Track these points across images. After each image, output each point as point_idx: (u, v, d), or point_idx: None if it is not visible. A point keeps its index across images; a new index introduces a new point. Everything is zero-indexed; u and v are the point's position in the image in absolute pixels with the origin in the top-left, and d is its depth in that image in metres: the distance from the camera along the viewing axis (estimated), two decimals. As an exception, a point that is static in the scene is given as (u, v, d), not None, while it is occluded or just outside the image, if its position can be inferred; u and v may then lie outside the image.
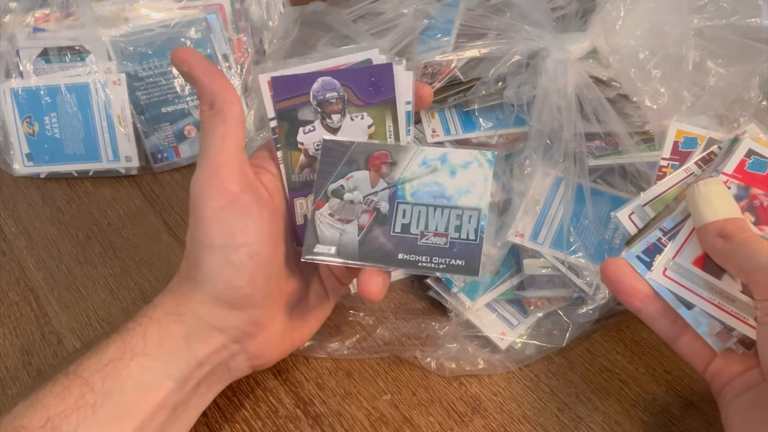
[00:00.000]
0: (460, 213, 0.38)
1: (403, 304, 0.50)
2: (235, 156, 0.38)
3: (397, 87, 0.40)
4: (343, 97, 0.41)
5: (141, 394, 0.36)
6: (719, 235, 0.36)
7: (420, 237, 0.38)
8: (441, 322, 0.47)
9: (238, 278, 0.38)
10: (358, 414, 0.44)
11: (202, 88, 0.39)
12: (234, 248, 0.37)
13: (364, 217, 0.39)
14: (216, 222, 0.37)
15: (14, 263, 0.55)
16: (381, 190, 0.39)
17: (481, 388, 0.45)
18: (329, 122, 0.41)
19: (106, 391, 0.35)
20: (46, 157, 0.62)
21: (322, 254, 0.39)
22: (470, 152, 0.39)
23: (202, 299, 0.38)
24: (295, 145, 0.41)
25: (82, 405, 0.35)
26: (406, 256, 0.38)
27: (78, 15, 0.62)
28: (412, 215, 0.39)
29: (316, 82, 0.40)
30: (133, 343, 0.37)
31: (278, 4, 0.67)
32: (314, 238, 0.39)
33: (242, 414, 0.44)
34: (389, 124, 0.41)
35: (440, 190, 0.39)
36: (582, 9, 0.52)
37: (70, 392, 0.35)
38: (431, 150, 0.40)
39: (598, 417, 0.43)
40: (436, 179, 0.39)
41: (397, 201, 0.39)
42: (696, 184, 0.37)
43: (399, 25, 0.58)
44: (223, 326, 0.38)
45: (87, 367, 0.36)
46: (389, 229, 0.39)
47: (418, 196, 0.39)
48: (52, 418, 0.34)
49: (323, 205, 0.39)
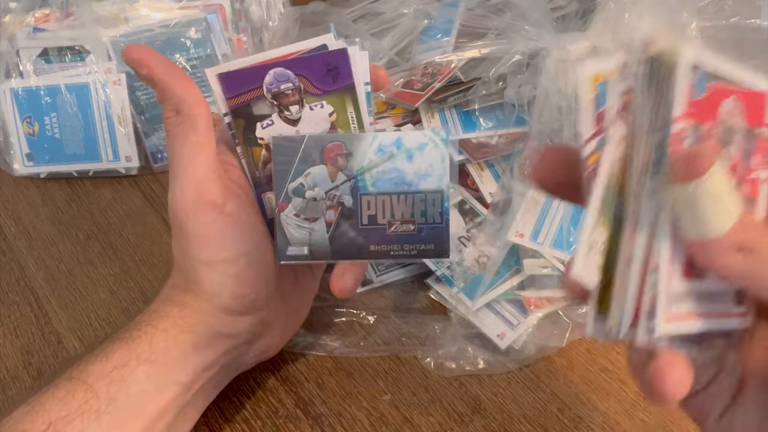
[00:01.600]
0: (423, 197, 0.39)
1: (403, 304, 0.50)
2: (211, 165, 0.37)
3: (354, 71, 0.39)
4: (299, 87, 0.39)
5: (146, 400, 0.36)
6: (739, 250, 0.24)
7: (388, 226, 0.39)
8: (441, 322, 0.47)
9: (242, 287, 0.38)
10: (358, 414, 0.44)
11: (164, 93, 0.36)
12: (233, 261, 0.37)
13: (329, 213, 0.39)
14: (209, 238, 0.37)
15: (14, 263, 0.55)
16: (342, 184, 0.39)
17: (481, 388, 0.45)
18: (287, 114, 0.40)
19: (110, 397, 0.35)
20: (46, 157, 0.62)
21: (295, 256, 0.39)
22: (424, 133, 0.39)
23: (210, 311, 0.38)
24: (255, 141, 0.40)
25: (86, 410, 0.34)
26: (377, 247, 0.39)
27: (78, 15, 0.62)
28: (377, 205, 0.39)
29: (267, 75, 0.39)
30: (139, 351, 0.37)
31: (278, 4, 0.67)
32: (285, 241, 0.39)
33: (242, 414, 0.44)
34: (351, 110, 0.40)
35: (400, 176, 0.39)
36: (582, 9, 0.52)
37: (74, 397, 0.35)
38: (385, 136, 0.39)
39: (598, 417, 0.43)
40: (394, 165, 0.39)
41: (359, 193, 0.39)
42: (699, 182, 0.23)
43: (399, 25, 0.58)
44: (232, 332, 0.38)
45: (91, 372, 0.36)
46: (357, 222, 0.39)
47: (380, 185, 0.39)
48: (55, 423, 0.34)
49: (287, 207, 0.39)
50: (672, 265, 0.25)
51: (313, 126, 0.40)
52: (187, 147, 0.37)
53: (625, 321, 0.25)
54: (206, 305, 0.38)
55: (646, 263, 0.25)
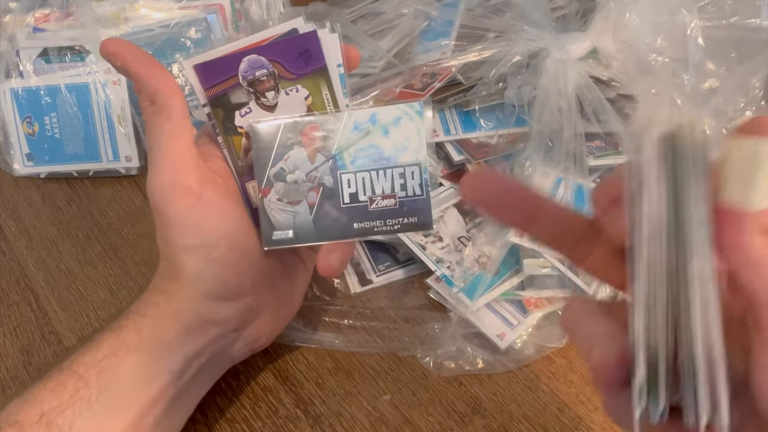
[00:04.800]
0: (402, 171, 0.39)
1: (403, 304, 0.50)
2: (187, 152, 0.38)
3: (326, 53, 0.39)
4: (274, 72, 0.39)
5: (137, 388, 0.36)
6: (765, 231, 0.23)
7: (369, 203, 0.39)
8: (441, 321, 0.47)
9: (224, 272, 0.38)
10: (358, 414, 0.44)
11: (139, 83, 0.37)
12: (212, 245, 0.37)
13: (311, 195, 0.39)
14: (186, 223, 0.37)
15: (14, 263, 0.55)
16: (321, 165, 0.39)
17: (481, 388, 0.45)
18: (264, 101, 0.40)
19: (101, 386, 0.35)
20: (46, 157, 0.62)
21: (281, 240, 0.39)
22: (398, 107, 0.39)
23: (195, 297, 0.38)
24: (235, 129, 0.40)
25: (78, 400, 0.35)
26: (360, 225, 0.39)
27: (78, 15, 0.62)
28: (357, 183, 0.39)
29: (242, 62, 0.39)
30: (128, 339, 0.37)
31: (278, 4, 0.67)
32: (269, 225, 0.39)
33: (242, 414, 0.44)
34: (325, 92, 0.40)
35: (378, 152, 0.39)
36: (582, 9, 0.52)
37: (65, 387, 0.35)
38: (359, 113, 0.39)
39: (598, 417, 0.43)
40: (371, 142, 0.39)
41: (339, 172, 0.39)
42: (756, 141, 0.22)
43: (399, 26, 0.58)
44: (219, 319, 0.39)
45: (81, 362, 0.36)
46: (338, 201, 0.39)
47: (359, 163, 0.39)
48: (47, 413, 0.34)
49: (269, 192, 0.39)
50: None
51: (290, 110, 0.40)
52: (163, 135, 0.37)
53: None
54: (190, 292, 0.38)
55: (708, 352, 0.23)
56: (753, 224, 0.23)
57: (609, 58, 0.47)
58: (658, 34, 0.46)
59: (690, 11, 0.46)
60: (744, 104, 0.46)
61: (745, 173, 0.22)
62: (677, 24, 0.46)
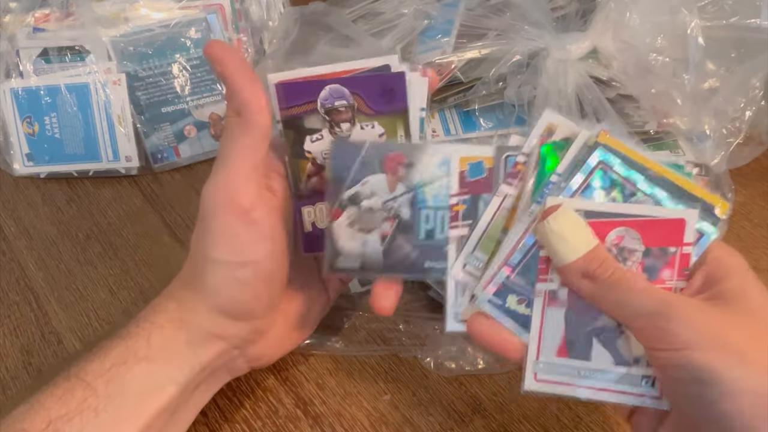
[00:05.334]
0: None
1: (403, 304, 0.49)
2: (252, 170, 0.37)
3: (411, 95, 0.39)
4: (353, 105, 0.39)
5: (144, 399, 0.36)
6: (584, 276, 0.33)
7: (446, 242, 0.37)
8: (441, 322, 0.47)
9: (243, 293, 0.37)
10: (358, 414, 0.44)
11: (232, 93, 0.37)
12: (240, 265, 0.37)
13: (385, 225, 0.37)
14: (225, 237, 0.37)
15: (14, 263, 0.55)
16: (401, 195, 0.37)
17: (481, 388, 0.45)
18: (338, 131, 0.39)
19: (109, 395, 0.35)
20: (46, 157, 0.62)
21: (345, 269, 0.37)
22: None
23: (205, 309, 0.38)
24: (302, 153, 0.40)
25: (85, 408, 0.34)
26: (432, 264, 0.37)
27: (78, 15, 0.62)
28: (436, 220, 0.37)
29: (324, 90, 0.39)
30: (136, 347, 0.37)
31: (278, 4, 0.67)
32: (334, 251, 0.37)
33: (242, 414, 0.44)
34: (401, 132, 0.40)
35: None
36: (582, 9, 0.52)
37: (73, 395, 0.35)
38: (446, 148, 0.37)
39: (598, 417, 0.43)
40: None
41: (418, 206, 0.37)
42: (546, 221, 0.33)
43: (399, 25, 0.58)
44: (224, 335, 0.38)
45: (89, 371, 0.36)
46: (413, 237, 0.37)
47: (439, 200, 0.37)
48: (54, 422, 0.34)
49: (340, 215, 0.37)
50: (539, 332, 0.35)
51: None
52: (237, 148, 0.37)
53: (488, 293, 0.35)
54: (203, 303, 0.38)
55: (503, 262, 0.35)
56: (573, 272, 0.33)
57: (609, 58, 0.47)
58: (658, 34, 0.46)
59: (690, 11, 0.46)
60: (744, 104, 0.46)
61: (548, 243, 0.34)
62: (677, 24, 0.46)
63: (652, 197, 0.35)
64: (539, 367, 0.35)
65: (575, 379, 0.34)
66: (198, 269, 0.38)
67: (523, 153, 0.37)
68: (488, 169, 0.37)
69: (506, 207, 0.37)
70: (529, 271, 0.35)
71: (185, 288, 0.39)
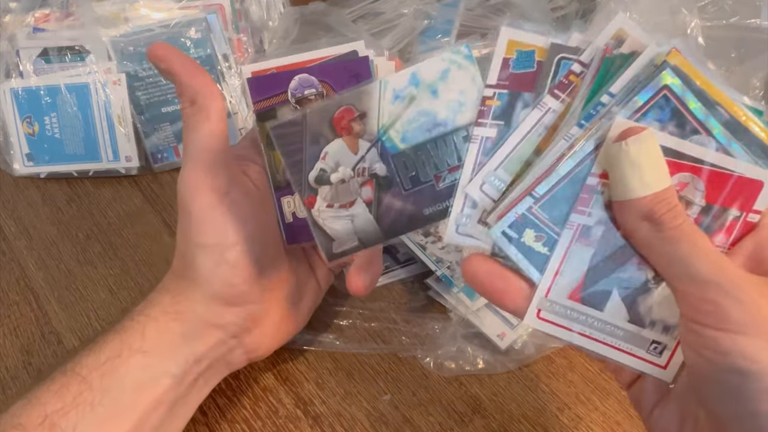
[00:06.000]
0: (465, 134, 0.33)
1: (403, 304, 0.50)
2: (220, 153, 0.38)
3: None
4: (322, 93, 0.39)
5: (139, 391, 0.36)
6: (645, 218, 0.28)
7: (436, 181, 0.33)
8: (441, 321, 0.47)
9: (234, 276, 0.38)
10: (358, 414, 0.44)
11: (181, 85, 0.38)
12: (228, 247, 0.37)
13: (365, 190, 0.34)
14: (207, 221, 0.37)
15: (14, 263, 0.55)
16: (367, 153, 0.34)
17: (481, 388, 0.45)
18: None
19: (104, 389, 0.35)
20: (46, 157, 0.62)
21: (345, 251, 0.34)
22: (441, 58, 0.32)
23: (199, 298, 0.38)
24: None
25: (81, 402, 0.35)
26: (431, 209, 0.34)
27: (78, 15, 0.62)
28: (416, 162, 0.33)
29: (293, 80, 0.39)
30: (131, 341, 0.37)
31: (278, 4, 0.67)
32: (326, 239, 0.34)
33: (242, 414, 0.44)
34: None
35: (431, 120, 0.33)
36: (582, 9, 0.52)
37: (68, 390, 0.35)
38: (395, 78, 0.33)
39: (598, 417, 0.43)
40: (419, 108, 0.33)
41: (390, 155, 0.33)
42: (624, 143, 0.28)
43: (399, 25, 0.58)
44: (220, 323, 0.39)
45: (85, 365, 0.36)
46: (398, 189, 0.34)
47: (411, 138, 0.33)
48: (50, 416, 0.34)
49: (315, 200, 0.34)
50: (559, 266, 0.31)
51: None
52: (200, 135, 0.38)
53: (506, 221, 0.30)
54: (197, 292, 0.38)
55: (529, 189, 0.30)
56: (635, 210, 0.28)
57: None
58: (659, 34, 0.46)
59: (690, 11, 0.46)
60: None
61: (618, 172, 0.28)
62: (677, 24, 0.46)
63: (724, 147, 0.29)
64: (545, 305, 0.31)
65: (579, 326, 0.31)
66: (187, 259, 0.38)
67: (580, 61, 0.31)
68: (539, 62, 0.31)
69: (545, 123, 0.31)
70: (557, 204, 0.30)
71: (178, 279, 0.39)
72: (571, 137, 0.30)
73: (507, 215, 0.31)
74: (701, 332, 0.27)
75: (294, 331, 0.44)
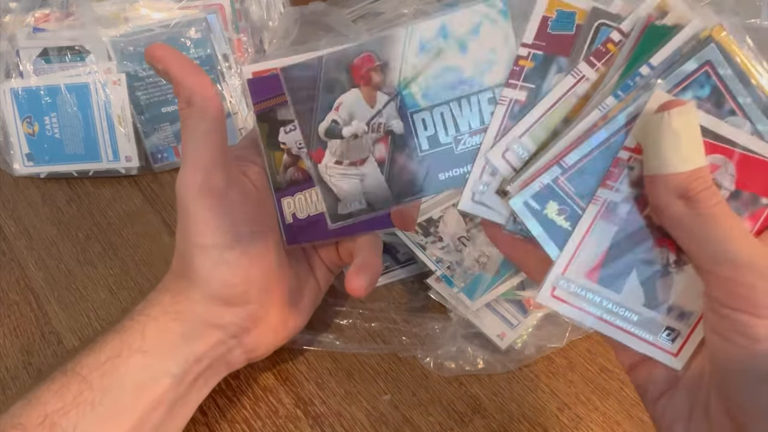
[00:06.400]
0: (492, 95, 0.30)
1: (403, 304, 0.50)
2: (219, 153, 0.38)
3: None
4: None
5: (139, 391, 0.36)
6: (681, 195, 0.27)
7: (455, 144, 0.31)
8: (441, 321, 0.47)
9: (233, 276, 0.38)
10: (358, 414, 0.44)
11: (178, 86, 0.38)
12: (226, 247, 0.37)
13: (379, 148, 0.31)
14: (205, 221, 0.37)
15: (14, 263, 0.55)
16: (384, 107, 0.31)
17: (481, 388, 0.45)
18: None
19: (104, 388, 0.35)
20: (46, 157, 0.62)
21: (350, 213, 0.32)
22: (473, 9, 0.30)
23: (199, 298, 0.38)
24: (277, 145, 0.40)
25: (81, 402, 0.35)
26: (448, 174, 0.31)
27: (78, 15, 0.62)
28: (435, 121, 0.31)
29: None
30: (131, 340, 0.37)
31: (278, 4, 0.67)
32: (332, 198, 0.32)
33: (242, 414, 0.44)
34: None
35: (457, 76, 0.30)
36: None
37: (69, 389, 0.35)
38: (424, 26, 0.30)
39: (598, 417, 0.43)
40: (445, 63, 0.30)
41: (409, 111, 0.31)
42: (667, 114, 0.26)
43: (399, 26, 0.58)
44: (220, 323, 0.39)
45: (85, 364, 0.36)
46: (415, 150, 0.31)
47: (433, 96, 0.30)
48: (51, 415, 0.34)
49: (324, 154, 0.32)
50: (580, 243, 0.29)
51: None
52: (197, 135, 0.38)
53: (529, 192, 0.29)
54: (196, 292, 0.38)
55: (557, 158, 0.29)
56: (672, 186, 0.26)
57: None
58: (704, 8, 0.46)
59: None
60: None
61: (658, 142, 0.26)
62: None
63: (759, 132, 0.28)
64: (560, 283, 0.29)
65: (593, 307, 0.30)
66: (186, 259, 0.38)
67: (620, 29, 0.29)
68: (578, 26, 0.29)
69: (578, 92, 0.29)
70: (585, 176, 0.28)
71: (178, 279, 0.39)
72: (605, 107, 0.29)
73: (531, 184, 0.29)
74: (732, 316, 0.26)
75: (294, 331, 0.44)
